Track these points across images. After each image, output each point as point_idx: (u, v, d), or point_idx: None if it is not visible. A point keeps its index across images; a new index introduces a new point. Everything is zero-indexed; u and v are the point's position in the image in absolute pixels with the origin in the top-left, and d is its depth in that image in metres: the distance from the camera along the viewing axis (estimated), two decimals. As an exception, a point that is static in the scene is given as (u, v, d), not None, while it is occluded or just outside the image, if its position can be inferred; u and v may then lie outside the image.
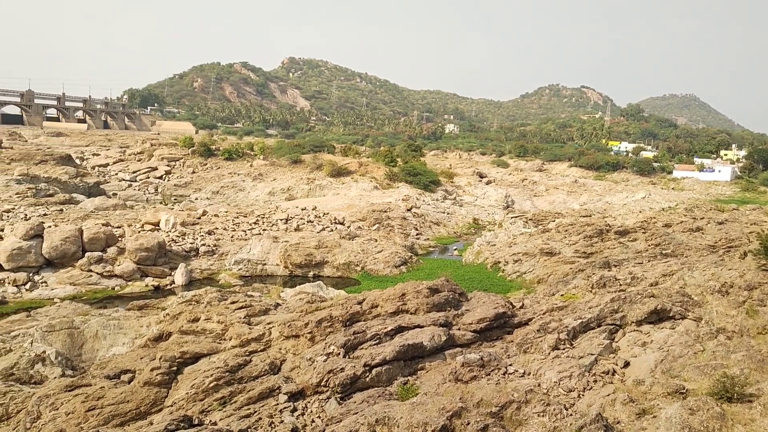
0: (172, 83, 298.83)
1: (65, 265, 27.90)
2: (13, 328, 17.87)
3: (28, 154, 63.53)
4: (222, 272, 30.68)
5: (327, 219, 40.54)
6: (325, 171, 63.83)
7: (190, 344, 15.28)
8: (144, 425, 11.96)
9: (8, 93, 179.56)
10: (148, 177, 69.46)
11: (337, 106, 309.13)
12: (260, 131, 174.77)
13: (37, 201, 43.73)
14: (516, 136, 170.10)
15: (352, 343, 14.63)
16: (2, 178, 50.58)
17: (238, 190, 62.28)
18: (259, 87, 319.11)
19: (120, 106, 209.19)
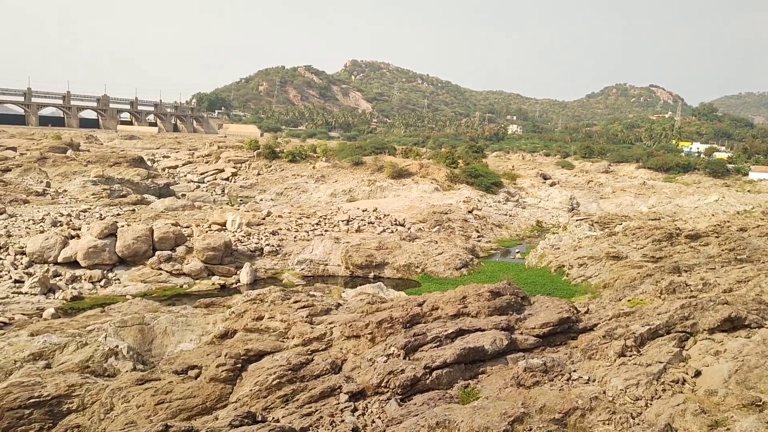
0: (238, 87, 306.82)
1: (137, 263, 29.01)
2: (89, 323, 18.68)
3: (103, 156, 66.46)
4: (285, 272, 31.23)
5: (387, 220, 40.68)
6: (386, 173, 64.07)
7: (255, 342, 15.61)
8: (209, 420, 12.29)
9: (86, 98, 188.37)
10: (216, 178, 71.49)
11: (398, 108, 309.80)
12: (323, 134, 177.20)
13: (111, 201, 45.67)
14: (581, 136, 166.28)
15: (413, 345, 14.61)
16: (80, 180, 53.10)
17: (301, 192, 63.29)
18: (322, 90, 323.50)
19: (189, 110, 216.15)
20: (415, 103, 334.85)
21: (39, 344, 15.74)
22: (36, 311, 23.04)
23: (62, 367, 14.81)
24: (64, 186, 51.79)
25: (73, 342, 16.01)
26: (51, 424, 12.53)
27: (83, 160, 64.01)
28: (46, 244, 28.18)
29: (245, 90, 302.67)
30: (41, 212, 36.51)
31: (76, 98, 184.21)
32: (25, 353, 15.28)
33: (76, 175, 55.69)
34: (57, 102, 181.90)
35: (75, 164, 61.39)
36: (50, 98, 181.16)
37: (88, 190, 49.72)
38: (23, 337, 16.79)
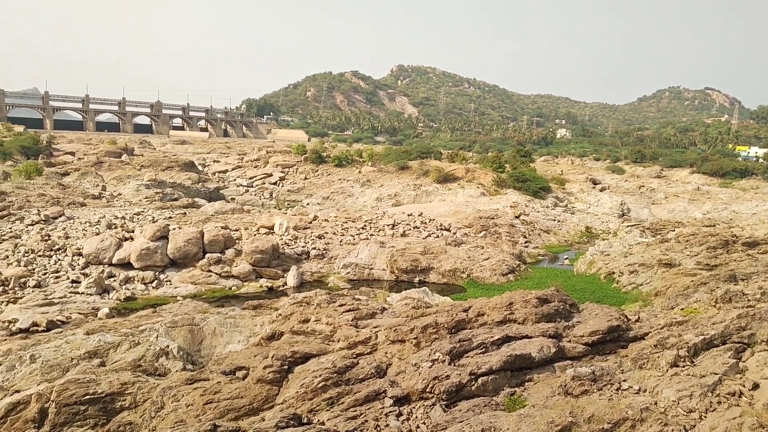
0: (286, 93, 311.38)
1: (187, 265, 29.68)
2: (141, 323, 19.19)
3: (156, 160, 68.31)
4: (331, 275, 31.45)
5: (433, 225, 40.55)
6: (431, 177, 63.92)
7: (301, 344, 15.77)
8: (256, 421, 12.46)
9: (140, 104, 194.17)
10: (264, 183, 72.64)
11: (444, 112, 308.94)
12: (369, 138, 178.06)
13: (164, 204, 46.87)
14: (633, 141, 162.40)
15: (458, 351, 14.51)
16: (134, 183, 54.70)
17: (347, 196, 63.69)
18: (368, 95, 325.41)
19: (238, 116, 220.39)
20: (461, 108, 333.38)
21: (94, 343, 16.25)
22: (91, 311, 23.79)
23: (116, 366, 15.25)
24: (118, 189, 53.45)
25: (126, 341, 16.48)
26: (105, 421, 12.91)
27: (137, 164, 65.94)
28: (102, 245, 29.11)
29: (293, 95, 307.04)
30: (97, 215, 37.75)
31: (130, 104, 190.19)
32: (81, 351, 15.79)
33: (130, 179, 57.41)
34: (113, 108, 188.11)
35: (129, 168, 63.30)
36: (107, 105, 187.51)
37: (141, 193, 51.16)
38: (79, 336, 17.38)
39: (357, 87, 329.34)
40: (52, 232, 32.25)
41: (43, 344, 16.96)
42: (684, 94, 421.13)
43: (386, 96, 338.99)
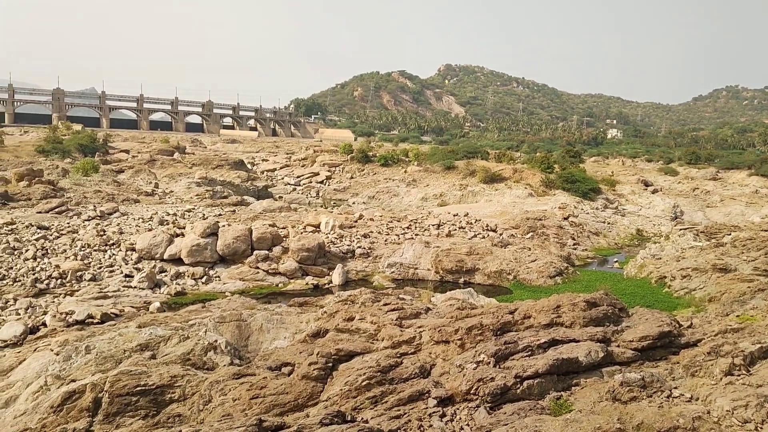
0: (334, 93, 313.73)
1: (236, 262, 30.23)
2: (191, 318, 19.64)
3: (207, 159, 69.79)
4: (376, 274, 31.56)
5: (479, 226, 40.24)
6: (478, 177, 63.41)
7: (345, 342, 15.87)
8: (301, 417, 12.60)
9: (192, 104, 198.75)
10: (311, 182, 73.40)
11: (492, 112, 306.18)
12: (415, 138, 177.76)
13: (213, 202, 47.84)
14: (687, 142, 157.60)
15: (503, 353, 14.36)
16: (185, 181, 56.03)
17: (393, 195, 63.77)
18: (415, 94, 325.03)
19: (287, 115, 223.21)
20: (509, 107, 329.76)
21: (146, 336, 16.72)
22: (143, 304, 24.48)
23: (166, 359, 15.65)
24: (170, 187, 54.83)
25: (176, 335, 16.89)
26: (155, 412, 13.26)
27: (188, 162, 67.50)
28: (154, 241, 29.91)
29: (341, 95, 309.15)
30: (150, 211, 38.80)
31: (183, 104, 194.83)
32: (133, 344, 16.26)
33: (181, 176, 58.83)
34: (166, 107, 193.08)
35: (181, 166, 64.86)
36: (160, 104, 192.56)
37: (192, 191, 52.35)
38: (132, 329, 17.90)
39: (404, 86, 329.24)
40: (107, 227, 33.30)
41: (97, 336, 17.54)
42: (742, 93, 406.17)
43: (433, 95, 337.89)
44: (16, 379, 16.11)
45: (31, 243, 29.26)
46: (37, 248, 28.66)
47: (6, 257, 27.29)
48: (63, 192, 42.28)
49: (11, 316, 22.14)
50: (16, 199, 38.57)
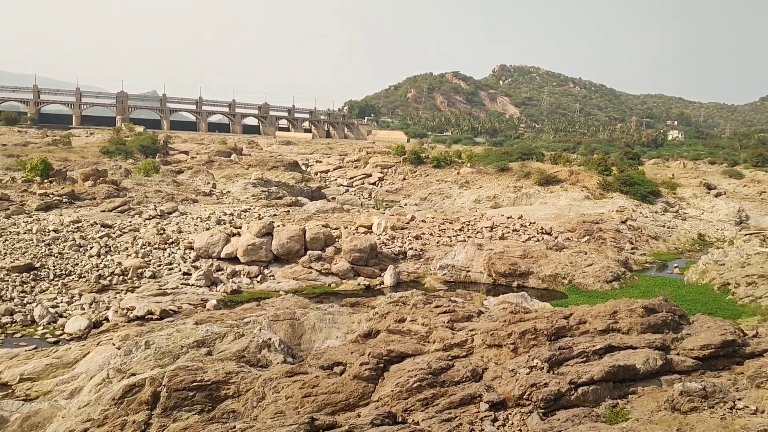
0: (387, 94, 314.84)
1: (290, 261, 30.67)
2: (246, 315, 20.02)
3: (263, 160, 71.09)
4: (427, 276, 31.47)
5: (533, 228, 39.63)
6: (532, 179, 62.46)
7: (396, 343, 15.87)
8: (352, 417, 12.67)
9: (248, 106, 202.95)
10: (363, 183, 73.83)
11: (547, 113, 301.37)
12: (468, 139, 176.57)
13: (269, 202, 48.67)
14: (753, 143, 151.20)
15: (557, 359, 14.09)
16: (242, 182, 57.21)
17: (445, 197, 63.47)
18: (468, 95, 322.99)
19: (340, 117, 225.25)
20: (565, 108, 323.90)
21: (202, 333, 17.13)
22: (200, 302, 25.10)
23: (221, 355, 16.00)
24: (227, 187, 56.08)
25: (232, 332, 17.25)
26: (210, 407, 13.56)
27: (245, 163, 68.93)
28: (211, 240, 30.64)
29: (394, 97, 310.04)
30: (207, 211, 39.78)
31: (240, 106, 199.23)
32: (191, 340, 16.69)
33: (238, 177, 60.11)
34: (223, 110, 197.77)
35: (238, 167, 66.27)
36: (218, 106, 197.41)
37: (248, 191, 53.40)
38: (189, 325, 18.38)
39: (457, 88, 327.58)
40: (167, 226, 34.31)
41: (156, 332, 18.09)
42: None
43: (487, 96, 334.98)
44: (80, 371, 16.79)
45: (95, 241, 30.42)
46: (101, 246, 29.78)
47: (72, 254, 28.46)
48: (125, 191, 43.81)
49: (76, 310, 23.06)
50: (82, 198, 40.18)
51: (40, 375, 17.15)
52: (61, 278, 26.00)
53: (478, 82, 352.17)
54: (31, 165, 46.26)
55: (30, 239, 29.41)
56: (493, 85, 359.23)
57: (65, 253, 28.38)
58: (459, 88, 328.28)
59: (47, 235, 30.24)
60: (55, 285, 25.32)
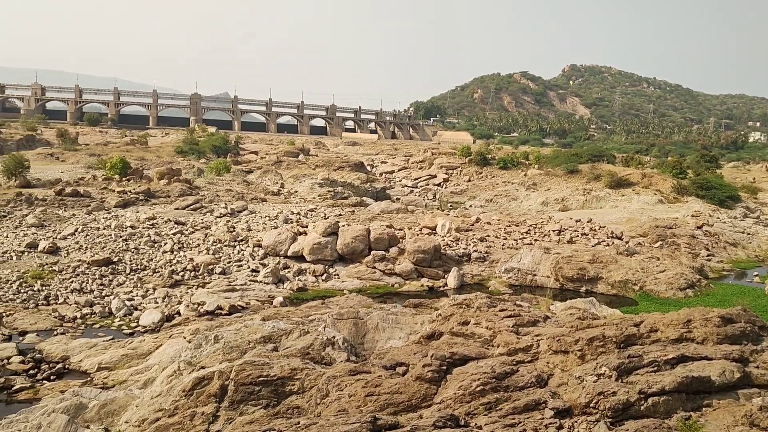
0: (453, 95, 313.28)
1: (354, 261, 30.95)
2: (311, 313, 20.35)
3: (329, 160, 72.08)
4: (492, 279, 31.12)
5: (603, 232, 38.55)
6: (603, 182, 60.75)
7: (459, 346, 15.77)
8: (414, 417, 12.67)
9: (316, 107, 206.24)
10: (428, 184, 73.68)
11: (619, 114, 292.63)
12: (536, 140, 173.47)
13: (334, 202, 49.25)
14: None
15: (627, 367, 13.66)
16: (308, 182, 58.17)
17: (511, 199, 62.56)
18: (537, 96, 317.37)
19: (406, 118, 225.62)
20: (638, 109, 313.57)
21: (269, 329, 17.52)
22: (267, 298, 25.66)
23: (286, 352, 16.32)
24: (295, 187, 57.14)
25: (297, 329, 17.56)
26: (275, 402, 13.85)
27: (312, 164, 70.05)
28: (279, 239, 31.30)
29: (460, 98, 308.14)
30: (275, 210, 40.63)
31: (308, 107, 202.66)
32: (257, 336, 17.10)
33: (305, 177, 61.15)
34: (292, 111, 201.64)
35: (305, 167, 67.43)
36: (287, 108, 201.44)
37: (314, 191, 54.23)
38: (256, 321, 18.84)
39: (525, 88, 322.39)
40: (237, 224, 35.26)
41: (225, 327, 18.63)
42: None
43: (556, 97, 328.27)
44: (153, 363, 17.48)
45: (169, 237, 31.59)
46: (174, 242, 30.90)
47: (147, 250, 29.66)
48: (198, 190, 45.31)
49: (150, 304, 24.02)
50: (157, 196, 41.80)
51: (116, 365, 17.97)
52: (136, 272, 27.14)
53: (547, 82, 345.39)
54: (111, 164, 48.52)
55: (109, 235, 30.84)
56: (562, 86, 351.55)
57: (141, 249, 29.61)
58: (527, 88, 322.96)
59: (124, 231, 31.63)
60: (131, 279, 26.45)
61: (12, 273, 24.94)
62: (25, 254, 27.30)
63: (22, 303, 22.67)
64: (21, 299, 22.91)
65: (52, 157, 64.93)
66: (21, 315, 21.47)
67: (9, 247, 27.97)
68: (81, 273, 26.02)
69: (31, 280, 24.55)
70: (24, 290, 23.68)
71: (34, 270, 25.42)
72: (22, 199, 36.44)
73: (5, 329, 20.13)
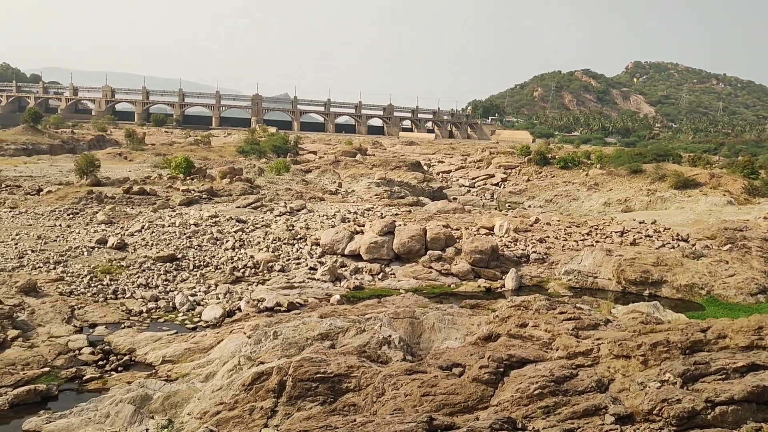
0: (512, 94, 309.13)
1: (410, 260, 30.96)
2: (367, 312, 20.46)
3: (386, 160, 72.35)
4: (551, 281, 30.56)
5: (668, 234, 37.27)
6: (668, 182, 58.77)
7: (517, 348, 15.56)
8: (470, 419, 12.58)
9: (373, 107, 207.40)
10: (486, 184, 72.99)
11: (686, 112, 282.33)
12: (598, 139, 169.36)
13: (391, 202, 49.37)
14: None
15: (692, 374, 13.18)
16: (365, 181, 58.56)
17: (572, 200, 61.29)
18: (599, 94, 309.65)
19: (464, 117, 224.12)
20: (707, 106, 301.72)
21: (326, 326, 17.73)
22: (325, 296, 25.98)
23: (343, 349, 16.46)
24: (352, 186, 57.63)
25: (353, 327, 17.70)
26: (332, 399, 14.00)
27: (369, 163, 70.50)
28: (336, 237, 31.62)
29: (519, 96, 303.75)
30: (333, 209, 41.06)
31: (365, 107, 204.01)
32: (315, 333, 17.32)
33: (362, 177, 61.59)
34: (350, 111, 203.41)
35: (362, 167, 67.91)
36: (344, 108, 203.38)
37: (371, 191, 54.56)
38: (314, 318, 19.09)
39: (587, 86, 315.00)
40: (296, 223, 35.82)
41: (284, 323, 18.95)
42: None
43: (619, 95, 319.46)
44: (214, 357, 17.96)
45: (230, 235, 32.37)
46: (235, 240, 31.65)
47: (210, 247, 30.48)
48: (258, 189, 46.27)
49: (212, 299, 24.68)
50: (220, 195, 42.91)
51: (179, 358, 18.55)
52: (199, 269, 27.92)
53: (610, 79, 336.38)
54: (176, 163, 50.12)
55: (173, 232, 31.85)
56: (626, 83, 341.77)
57: (204, 246, 30.45)
58: (589, 86, 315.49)
59: (188, 228, 32.59)
60: (194, 275, 27.24)
61: (83, 267, 26.08)
62: (96, 250, 28.49)
63: (92, 296, 23.65)
64: (91, 293, 23.90)
65: (120, 157, 67.66)
66: (91, 308, 22.41)
67: (81, 242, 29.27)
68: (147, 269, 26.97)
69: (100, 274, 25.60)
70: (94, 284, 24.71)
71: (103, 265, 26.51)
72: (92, 197, 38.05)
73: (77, 321, 21.06)
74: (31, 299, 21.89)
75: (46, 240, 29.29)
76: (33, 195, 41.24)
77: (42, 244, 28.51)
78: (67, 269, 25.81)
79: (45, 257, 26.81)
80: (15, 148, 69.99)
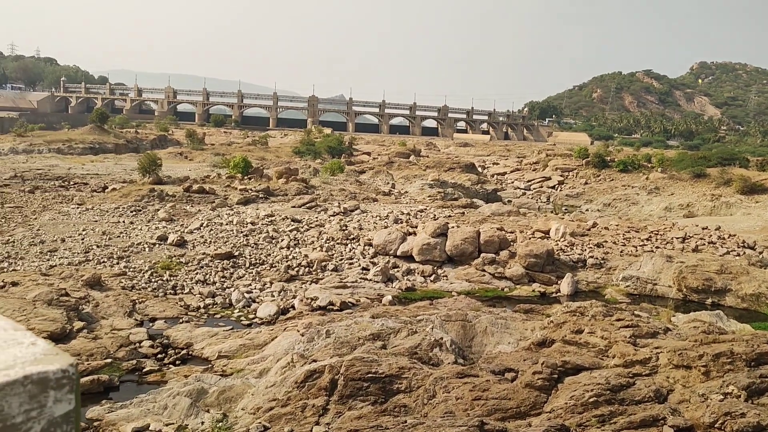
0: (570, 95, 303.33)
1: (463, 263, 30.73)
2: (419, 313, 20.43)
3: (440, 161, 72.09)
4: (608, 287, 29.81)
5: (733, 241, 35.84)
6: (734, 187, 56.51)
7: (572, 355, 15.25)
8: (522, 425, 12.40)
9: (428, 108, 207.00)
10: (542, 186, 71.81)
11: (755, 114, 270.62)
12: (660, 142, 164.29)
13: (444, 204, 49.14)
14: None
15: (758, 387, 12.64)
16: (418, 182, 58.48)
17: (631, 204, 59.66)
18: (661, 95, 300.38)
19: (520, 118, 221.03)
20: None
21: (378, 326, 17.79)
22: (376, 297, 26.06)
23: (395, 350, 16.49)
24: (405, 188, 57.63)
25: (405, 328, 17.71)
26: (383, 400, 14.04)
27: (422, 165, 70.37)
28: (389, 238, 31.69)
29: (578, 97, 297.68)
30: (386, 210, 41.17)
31: (420, 109, 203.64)
32: (367, 333, 17.41)
33: (416, 178, 61.51)
34: (404, 112, 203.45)
35: (415, 168, 67.84)
36: (399, 109, 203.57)
37: (424, 192, 54.43)
38: (366, 318, 19.19)
39: (649, 87, 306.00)
40: (349, 223, 36.08)
41: (336, 322, 19.12)
42: None
43: (683, 96, 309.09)
44: (268, 354, 18.26)
45: (285, 234, 32.88)
46: (290, 239, 32.12)
47: (266, 245, 31.04)
48: (313, 189, 46.83)
49: (267, 297, 25.11)
50: (276, 194, 43.64)
51: (234, 354, 18.94)
52: (255, 267, 28.46)
53: (673, 81, 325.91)
54: (234, 163, 51.23)
55: (231, 230, 32.57)
56: (690, 84, 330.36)
57: (260, 244, 31.02)
58: (651, 87, 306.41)
59: (245, 227, 33.27)
60: (250, 273, 27.78)
61: (144, 263, 26.97)
62: (156, 246, 29.41)
63: (153, 291, 24.42)
64: (151, 288, 24.70)
65: (181, 156, 69.66)
66: (152, 303, 23.15)
67: (143, 239, 30.27)
68: (205, 265, 27.66)
69: (160, 270, 26.42)
70: (154, 280, 25.51)
71: (163, 261, 27.34)
72: (154, 195, 39.30)
73: (138, 315, 21.79)
74: (96, 293, 22.78)
75: (110, 236, 30.43)
76: (99, 192, 42.96)
77: (106, 240, 29.64)
78: (129, 264, 26.75)
79: (109, 252, 27.86)
80: (83, 147, 73.04)
